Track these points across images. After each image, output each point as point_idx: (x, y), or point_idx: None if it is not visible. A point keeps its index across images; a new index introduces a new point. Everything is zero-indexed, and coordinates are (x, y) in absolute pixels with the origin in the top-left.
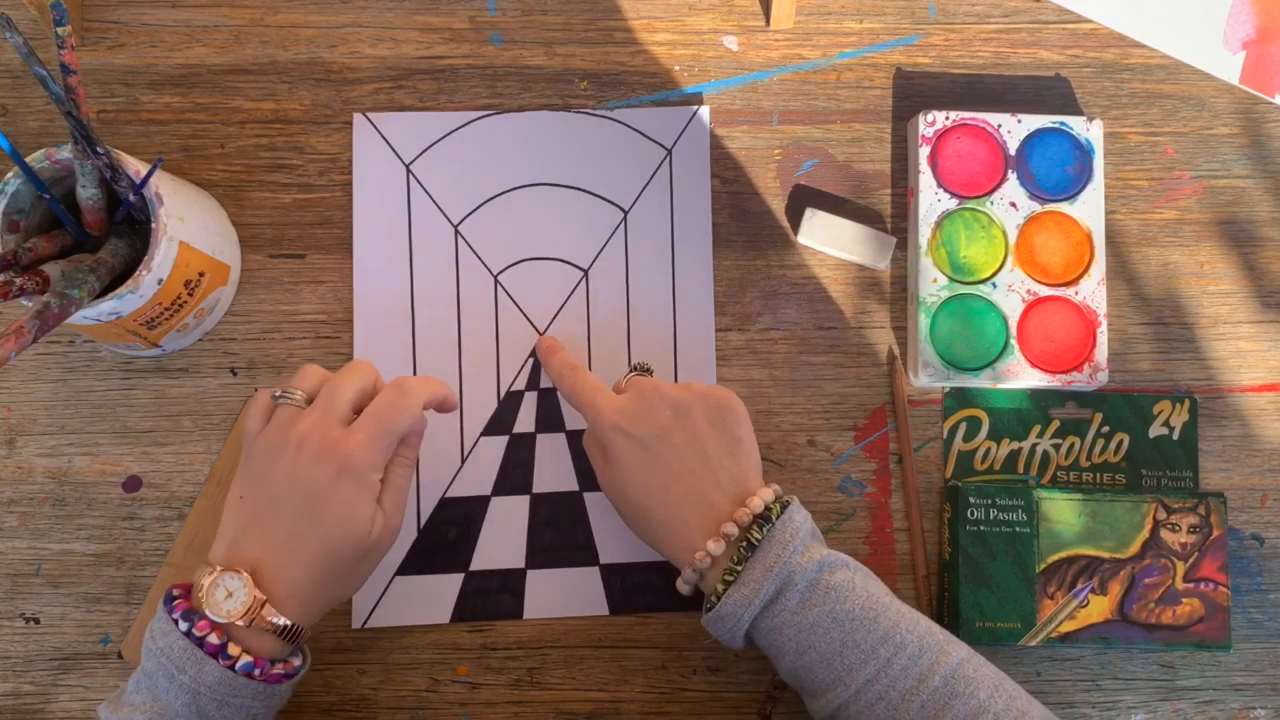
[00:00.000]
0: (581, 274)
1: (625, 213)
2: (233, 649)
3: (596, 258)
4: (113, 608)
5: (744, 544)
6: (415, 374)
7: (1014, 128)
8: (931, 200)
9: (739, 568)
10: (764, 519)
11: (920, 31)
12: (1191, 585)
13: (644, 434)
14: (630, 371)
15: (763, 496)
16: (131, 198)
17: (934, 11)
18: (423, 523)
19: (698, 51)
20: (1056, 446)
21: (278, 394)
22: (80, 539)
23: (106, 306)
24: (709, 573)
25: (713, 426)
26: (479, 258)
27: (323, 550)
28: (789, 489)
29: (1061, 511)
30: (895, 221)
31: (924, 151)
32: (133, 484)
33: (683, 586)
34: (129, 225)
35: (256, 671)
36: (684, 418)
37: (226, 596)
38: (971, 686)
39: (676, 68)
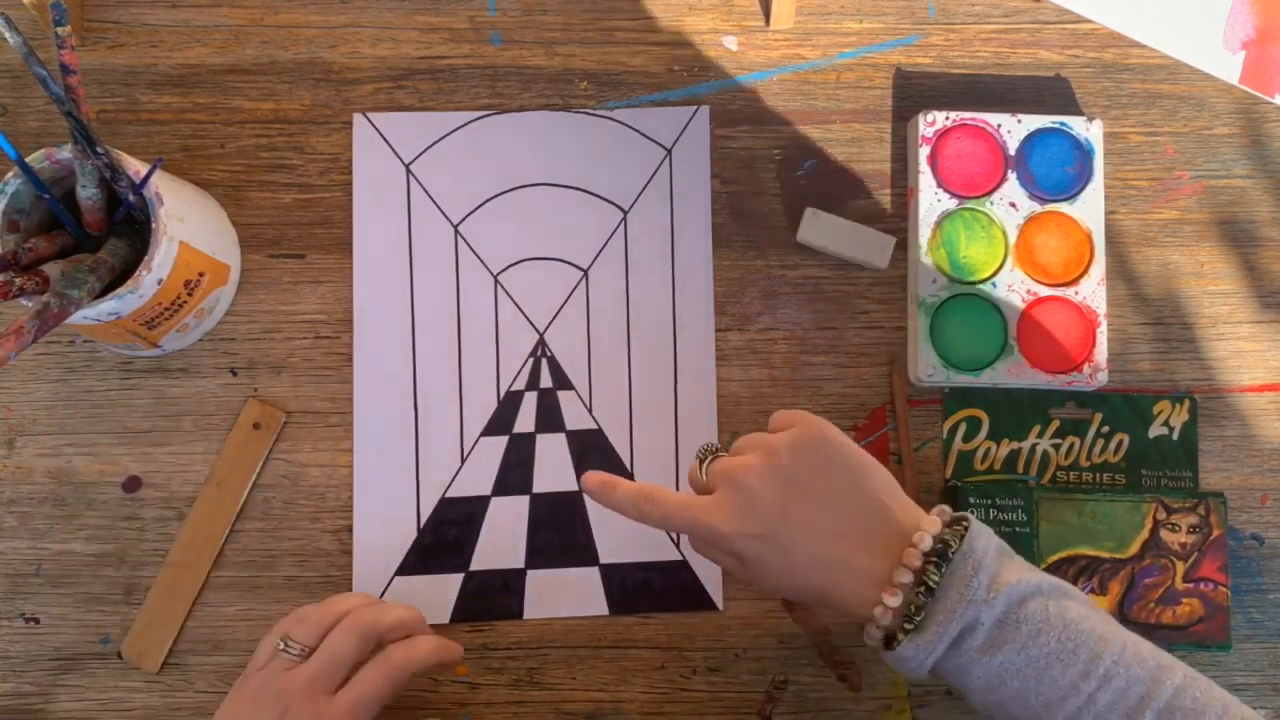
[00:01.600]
0: (581, 274)
1: (625, 213)
2: None
3: (596, 258)
4: (113, 608)
5: (921, 588)
6: (415, 375)
7: (1014, 128)
8: (931, 200)
9: (918, 618)
10: (940, 555)
11: (920, 31)
12: (1191, 585)
13: (765, 527)
14: (705, 458)
15: (929, 529)
16: (131, 198)
17: (934, 11)
18: (423, 523)
19: (698, 51)
20: (1056, 446)
21: (279, 645)
22: (80, 539)
23: (106, 306)
24: (892, 619)
25: (823, 476)
26: (479, 258)
27: None
28: None
29: (1061, 511)
30: (895, 221)
31: (924, 151)
32: (133, 484)
33: (870, 640)
34: (129, 225)
35: None
36: (792, 487)
37: None
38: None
39: (676, 68)
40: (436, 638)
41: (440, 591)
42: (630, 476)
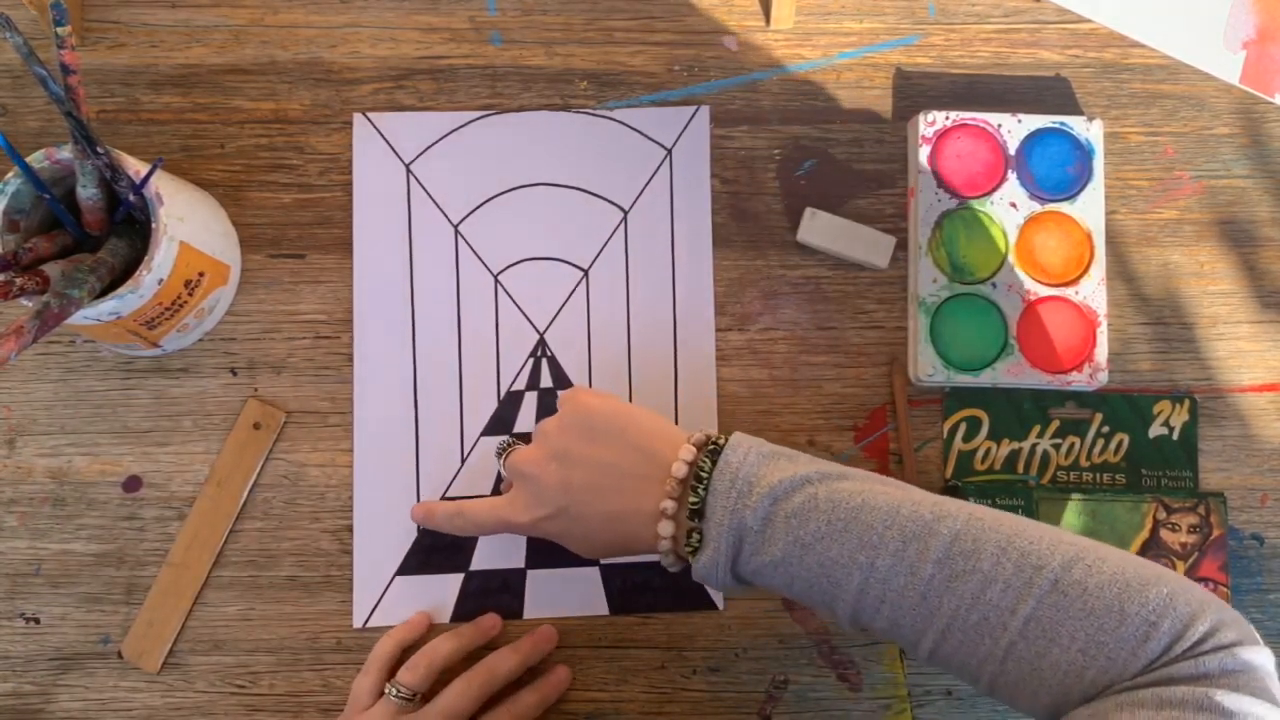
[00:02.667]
0: (581, 274)
1: (625, 213)
2: None
3: (596, 258)
4: (113, 608)
5: (689, 513)
6: (415, 375)
7: (1014, 128)
8: (931, 200)
9: (695, 540)
10: (697, 479)
11: (920, 31)
12: None
13: (554, 506)
14: (501, 454)
15: (683, 457)
16: (131, 198)
17: (934, 11)
18: None
19: (698, 51)
20: (1056, 446)
21: (391, 691)
22: (80, 539)
23: (106, 306)
24: (679, 543)
25: (590, 443)
26: (479, 258)
27: None
28: None
29: (1061, 511)
30: (895, 221)
31: (924, 151)
32: (133, 484)
33: (668, 565)
34: (129, 225)
35: None
36: (563, 462)
37: None
38: (971, 561)
39: (676, 68)
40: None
41: (440, 591)
42: None
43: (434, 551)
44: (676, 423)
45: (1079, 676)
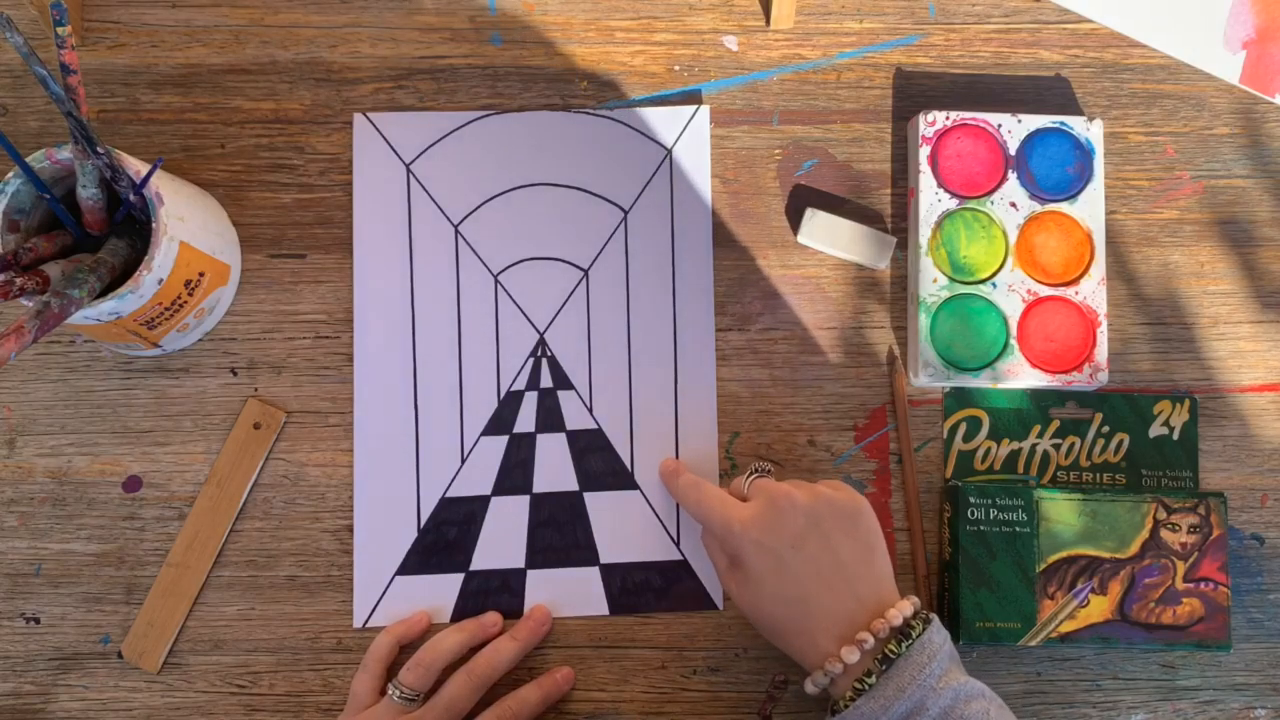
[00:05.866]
0: (581, 274)
1: (625, 213)
2: None
3: (596, 258)
4: (113, 608)
5: (880, 657)
6: (415, 375)
7: (1014, 128)
8: (931, 200)
9: (870, 680)
10: (903, 634)
11: (920, 31)
12: (1191, 585)
13: (778, 545)
14: (751, 474)
15: (902, 610)
16: (131, 198)
17: (934, 11)
18: (423, 523)
19: (698, 51)
20: (1056, 446)
21: (393, 692)
22: (80, 539)
23: (106, 306)
24: (840, 679)
25: (846, 535)
26: (479, 258)
27: None
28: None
29: (1061, 511)
30: (895, 221)
31: (924, 151)
32: (133, 484)
33: (809, 687)
34: (129, 225)
35: None
36: (817, 527)
37: None
38: None
39: (676, 68)
40: (541, 680)
41: (440, 591)
42: (630, 476)
43: (434, 551)
44: (677, 423)
45: None
